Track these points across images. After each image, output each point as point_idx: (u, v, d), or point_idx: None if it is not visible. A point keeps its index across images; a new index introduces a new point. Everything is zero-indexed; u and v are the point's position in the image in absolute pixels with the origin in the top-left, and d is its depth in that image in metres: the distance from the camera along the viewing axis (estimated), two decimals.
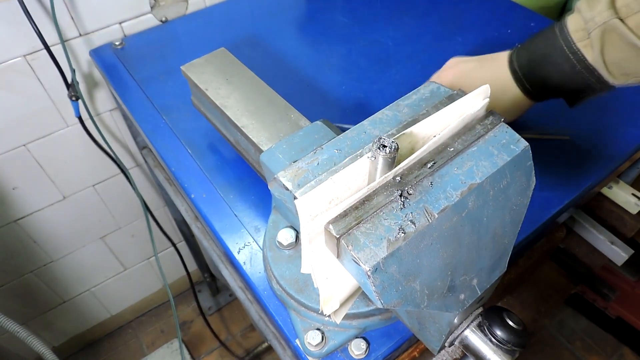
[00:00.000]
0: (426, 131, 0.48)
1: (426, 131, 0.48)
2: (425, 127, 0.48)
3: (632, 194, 0.98)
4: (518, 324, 0.48)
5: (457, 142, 0.46)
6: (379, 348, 0.62)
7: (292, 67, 1.03)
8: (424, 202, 0.42)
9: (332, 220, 0.41)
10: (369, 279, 0.39)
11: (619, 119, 0.90)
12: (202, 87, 0.75)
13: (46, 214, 1.35)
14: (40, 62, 1.07)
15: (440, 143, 0.46)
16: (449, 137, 0.46)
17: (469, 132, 0.47)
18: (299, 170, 0.48)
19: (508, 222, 0.48)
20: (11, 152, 1.17)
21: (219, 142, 0.87)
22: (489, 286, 0.49)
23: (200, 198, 0.79)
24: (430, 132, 0.48)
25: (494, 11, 1.16)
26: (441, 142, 0.46)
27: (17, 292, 1.47)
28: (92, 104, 1.22)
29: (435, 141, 0.45)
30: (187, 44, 1.10)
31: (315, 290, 0.60)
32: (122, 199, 1.47)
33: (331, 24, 1.14)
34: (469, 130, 0.47)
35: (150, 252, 1.71)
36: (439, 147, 0.46)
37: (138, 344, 1.87)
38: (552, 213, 0.76)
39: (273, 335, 0.75)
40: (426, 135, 0.48)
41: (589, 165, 0.82)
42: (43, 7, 1.00)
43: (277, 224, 0.66)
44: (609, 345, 1.81)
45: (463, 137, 0.46)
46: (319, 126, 0.61)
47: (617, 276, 1.62)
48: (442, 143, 0.46)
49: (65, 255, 1.50)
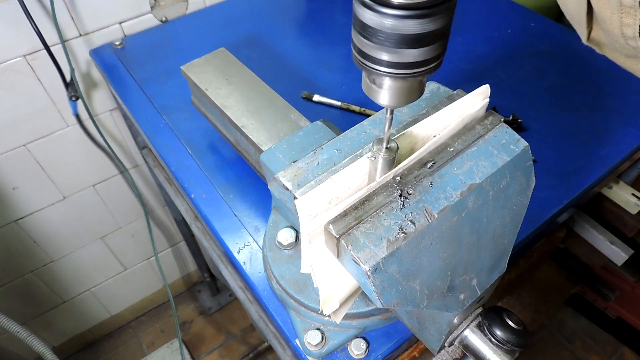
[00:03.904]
0: (426, 131, 0.48)
1: (426, 131, 0.48)
2: (425, 127, 0.48)
3: (632, 194, 0.98)
4: (518, 324, 0.48)
5: (457, 142, 0.46)
6: (378, 348, 0.62)
7: (292, 67, 1.03)
8: (423, 202, 0.42)
9: (332, 220, 0.41)
10: (369, 278, 0.39)
11: (619, 119, 0.90)
12: (202, 87, 0.75)
13: (46, 214, 1.35)
14: (40, 62, 1.07)
15: (440, 143, 0.46)
16: (448, 137, 0.46)
17: (469, 132, 0.47)
18: (299, 170, 0.48)
19: (508, 222, 0.48)
20: (11, 152, 1.17)
21: (219, 142, 0.87)
22: (488, 286, 0.49)
23: (200, 198, 0.79)
24: (430, 132, 0.48)
25: (494, 11, 1.16)
26: (441, 142, 0.46)
27: (17, 292, 1.47)
28: (92, 104, 1.22)
29: (435, 141, 0.45)
30: (187, 44, 1.10)
31: (315, 290, 0.60)
32: (122, 199, 1.47)
33: (331, 24, 1.14)
34: (469, 130, 0.47)
35: (150, 252, 1.71)
36: (438, 147, 0.46)
37: (138, 344, 1.87)
38: (552, 213, 0.76)
39: (273, 335, 0.75)
40: (426, 136, 0.48)
41: (589, 165, 0.82)
42: (43, 7, 1.00)
43: (277, 224, 0.66)
44: (609, 345, 1.81)
45: (463, 137, 0.46)
46: (319, 126, 0.61)
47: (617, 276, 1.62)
48: (442, 143, 0.46)
49: (65, 255, 1.50)
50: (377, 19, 0.30)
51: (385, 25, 0.30)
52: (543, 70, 1.00)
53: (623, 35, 0.46)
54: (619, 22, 0.46)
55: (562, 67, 1.00)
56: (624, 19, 0.45)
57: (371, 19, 0.30)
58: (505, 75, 0.99)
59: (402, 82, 0.35)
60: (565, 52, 1.03)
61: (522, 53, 1.04)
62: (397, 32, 0.30)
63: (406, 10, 0.29)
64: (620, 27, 0.46)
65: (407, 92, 0.36)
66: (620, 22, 0.46)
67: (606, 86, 0.96)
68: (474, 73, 1.00)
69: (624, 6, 0.44)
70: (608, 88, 0.96)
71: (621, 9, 0.45)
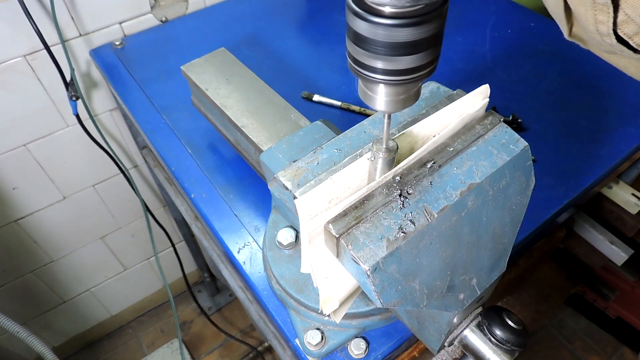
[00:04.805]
0: (426, 131, 0.48)
1: (426, 131, 0.48)
2: (425, 127, 0.48)
3: (632, 194, 0.98)
4: (517, 324, 0.48)
5: (457, 142, 0.46)
6: (378, 348, 0.62)
7: (292, 67, 1.03)
8: (423, 201, 0.42)
9: (332, 220, 0.41)
10: (369, 278, 0.39)
11: (619, 119, 0.90)
12: (202, 87, 0.75)
13: (46, 214, 1.35)
14: (40, 62, 1.07)
15: (440, 143, 0.46)
16: (448, 137, 0.46)
17: (469, 132, 0.47)
18: (299, 170, 0.48)
19: (507, 222, 0.48)
20: (11, 152, 1.17)
21: (219, 142, 0.87)
22: (488, 286, 0.49)
23: (200, 198, 0.79)
24: (430, 132, 0.48)
25: (494, 11, 1.16)
26: (441, 142, 0.46)
27: (17, 292, 1.47)
28: (92, 104, 1.22)
29: (434, 141, 0.45)
30: (187, 44, 1.10)
31: (315, 289, 0.60)
32: (122, 199, 1.48)
33: (331, 24, 1.14)
34: (469, 130, 0.47)
35: (150, 252, 1.72)
36: (438, 147, 0.46)
37: (138, 344, 1.87)
38: (552, 213, 0.76)
39: (273, 335, 0.75)
40: (426, 135, 0.48)
41: (589, 165, 0.82)
42: (43, 7, 1.00)
43: (277, 224, 0.66)
44: (609, 345, 1.81)
45: (462, 137, 0.46)
46: (319, 126, 0.61)
47: (617, 276, 1.62)
48: (442, 143, 0.46)
49: (65, 255, 1.50)
50: (370, 28, 0.31)
51: (378, 34, 0.31)
52: (543, 70, 1.00)
53: (598, 32, 0.46)
54: (593, 19, 0.46)
55: (562, 67, 1.00)
56: (598, 16, 0.45)
57: (364, 28, 0.31)
58: (505, 75, 0.99)
59: (397, 89, 0.35)
60: (565, 52, 1.03)
61: (522, 53, 1.04)
62: (390, 41, 0.31)
63: (398, 19, 0.30)
64: (595, 24, 0.46)
65: (403, 97, 0.36)
66: (594, 19, 0.46)
67: (606, 86, 0.96)
68: (474, 73, 1.00)
69: (597, 3, 0.44)
70: (608, 88, 0.96)
71: (595, 7, 0.45)
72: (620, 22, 0.44)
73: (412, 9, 0.29)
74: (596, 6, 0.45)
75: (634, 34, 0.44)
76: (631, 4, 0.42)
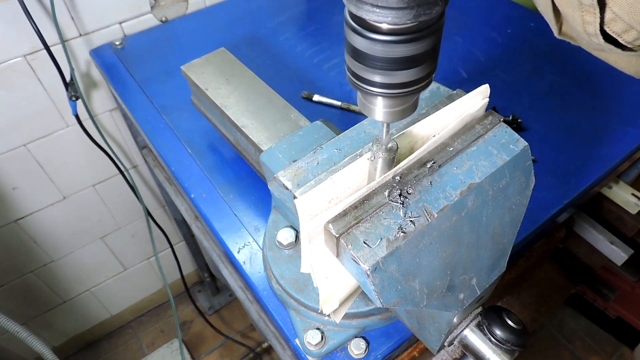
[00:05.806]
0: (426, 131, 0.48)
1: (426, 131, 0.48)
2: (425, 126, 0.48)
3: (632, 194, 0.98)
4: (517, 324, 0.48)
5: (457, 141, 0.46)
6: (378, 347, 0.62)
7: (292, 67, 1.03)
8: (423, 201, 0.42)
9: (332, 220, 0.41)
10: (369, 278, 0.39)
11: (619, 119, 0.90)
12: (202, 87, 0.75)
13: (46, 214, 1.35)
14: (40, 62, 1.07)
15: (440, 143, 0.46)
16: (448, 136, 0.46)
17: (469, 131, 0.47)
18: (299, 170, 0.48)
19: (507, 222, 0.48)
20: (11, 152, 1.17)
21: (219, 142, 0.87)
22: (488, 286, 0.49)
23: (200, 198, 0.79)
24: (430, 131, 0.48)
25: (494, 11, 1.16)
26: (441, 142, 0.46)
27: (17, 292, 1.47)
28: (92, 104, 1.22)
29: (434, 141, 0.45)
30: (187, 44, 1.10)
31: (314, 289, 0.60)
32: (122, 199, 1.48)
33: (331, 23, 1.14)
34: (469, 130, 0.47)
35: (150, 252, 1.72)
36: (438, 146, 0.46)
37: (138, 344, 1.87)
38: (552, 213, 0.76)
39: (273, 334, 0.75)
40: (426, 135, 0.48)
41: (589, 165, 0.82)
42: (43, 7, 1.00)
43: (277, 224, 0.66)
44: (609, 345, 1.81)
45: (462, 136, 0.46)
46: (319, 126, 0.61)
47: (617, 276, 1.62)
48: (442, 143, 0.46)
49: (65, 255, 1.50)
50: (367, 44, 0.31)
51: (376, 50, 0.31)
52: (543, 70, 1.00)
53: (586, 33, 0.46)
54: (580, 19, 0.46)
55: (562, 67, 1.00)
56: (585, 17, 0.46)
57: (362, 44, 0.32)
58: (505, 75, 0.99)
59: (395, 101, 0.36)
60: (565, 52, 1.03)
61: (522, 53, 1.04)
62: (387, 56, 0.32)
63: (395, 35, 0.30)
64: (582, 24, 0.46)
65: (401, 109, 0.37)
66: (582, 20, 0.46)
67: (606, 86, 0.96)
68: (474, 73, 1.00)
69: (583, 5, 0.44)
70: (608, 88, 0.96)
71: (581, 8, 0.45)
72: (608, 20, 0.44)
73: (409, 26, 0.30)
74: (583, 7, 0.45)
75: (623, 32, 0.44)
76: (618, 3, 0.42)
